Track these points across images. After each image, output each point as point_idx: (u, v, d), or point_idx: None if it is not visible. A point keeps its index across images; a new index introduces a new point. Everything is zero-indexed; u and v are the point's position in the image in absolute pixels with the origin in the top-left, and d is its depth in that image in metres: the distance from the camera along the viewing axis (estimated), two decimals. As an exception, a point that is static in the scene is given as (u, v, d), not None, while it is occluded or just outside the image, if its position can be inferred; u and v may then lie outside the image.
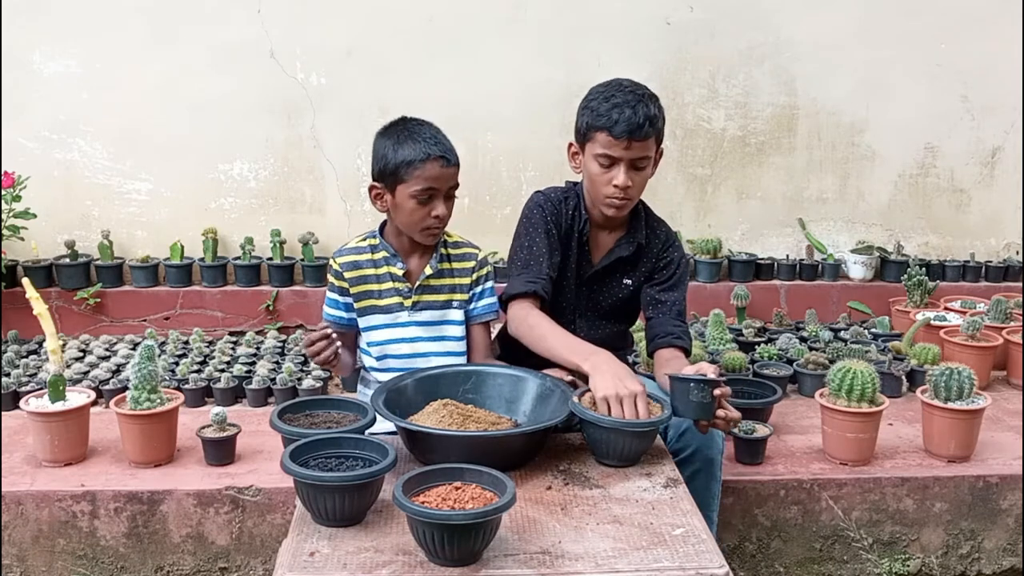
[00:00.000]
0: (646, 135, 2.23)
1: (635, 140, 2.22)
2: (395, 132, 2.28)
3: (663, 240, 2.48)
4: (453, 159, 2.26)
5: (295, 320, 3.83)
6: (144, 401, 2.46)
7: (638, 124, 2.20)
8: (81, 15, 3.72)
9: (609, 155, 2.25)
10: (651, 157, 2.30)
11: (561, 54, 3.91)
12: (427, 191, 2.23)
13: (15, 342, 3.53)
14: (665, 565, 1.66)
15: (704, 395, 2.05)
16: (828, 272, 4.09)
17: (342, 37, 3.84)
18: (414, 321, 2.35)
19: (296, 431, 1.96)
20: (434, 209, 2.25)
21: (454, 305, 2.39)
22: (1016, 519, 2.62)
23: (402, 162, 2.22)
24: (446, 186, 2.26)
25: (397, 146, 2.24)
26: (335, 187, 3.96)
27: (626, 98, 2.23)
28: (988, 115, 4.13)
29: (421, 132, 2.26)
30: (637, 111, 2.21)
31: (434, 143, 2.24)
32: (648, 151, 2.27)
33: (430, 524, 1.61)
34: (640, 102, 2.23)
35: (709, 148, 4.09)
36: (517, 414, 2.17)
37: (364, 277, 2.36)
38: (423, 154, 2.21)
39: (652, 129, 2.24)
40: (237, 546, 2.48)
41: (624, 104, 2.22)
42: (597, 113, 2.24)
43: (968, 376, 2.60)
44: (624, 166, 2.25)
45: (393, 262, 2.35)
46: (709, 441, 2.22)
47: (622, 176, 2.25)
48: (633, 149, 2.23)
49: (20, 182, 3.52)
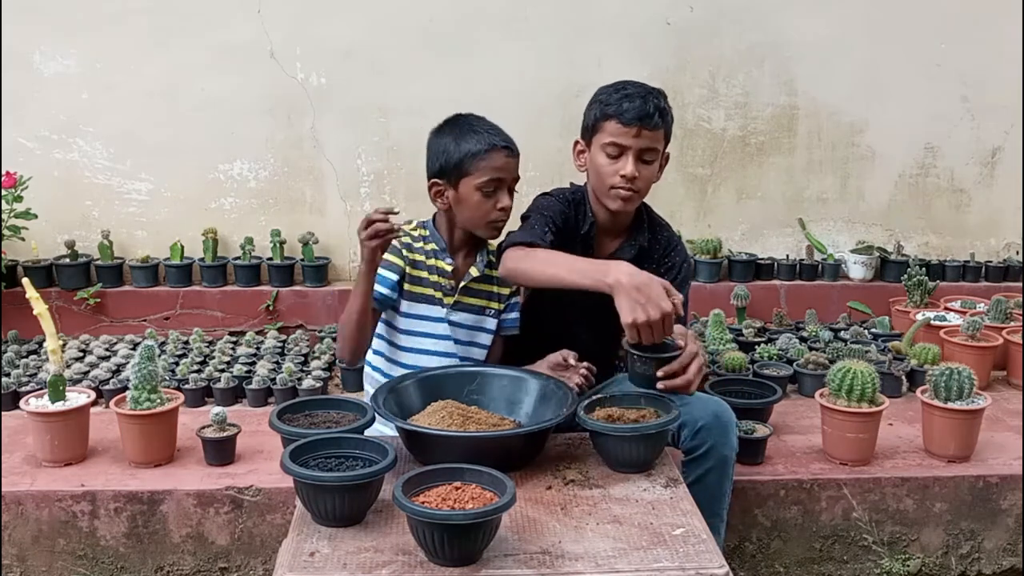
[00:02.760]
0: (655, 125, 2.25)
1: (645, 128, 2.24)
2: (454, 128, 2.30)
3: (665, 243, 2.47)
4: (515, 149, 2.30)
5: (295, 320, 3.83)
6: (144, 401, 2.46)
7: (648, 112, 2.24)
8: (81, 15, 3.72)
9: (617, 143, 2.26)
10: (659, 151, 2.31)
11: (561, 54, 3.90)
12: (493, 182, 2.25)
13: (15, 342, 3.52)
14: (665, 565, 1.66)
15: (646, 368, 2.08)
16: (828, 272, 4.09)
17: (342, 37, 3.84)
18: (448, 319, 2.35)
19: (296, 431, 1.96)
20: (500, 201, 2.27)
21: (489, 313, 2.39)
22: (1016, 519, 2.62)
23: (467, 154, 2.24)
24: (510, 176, 2.29)
25: (459, 140, 2.26)
26: (335, 187, 3.96)
27: (637, 90, 2.28)
28: (988, 115, 4.12)
29: (481, 125, 2.29)
30: (648, 101, 2.25)
31: (496, 134, 2.28)
32: (657, 143, 2.29)
33: (430, 524, 1.61)
34: (651, 94, 2.28)
35: (709, 148, 4.09)
36: (518, 415, 2.17)
37: (417, 263, 2.35)
38: (488, 144, 2.24)
39: (662, 121, 2.27)
40: (237, 546, 2.48)
41: (635, 95, 2.26)
42: (607, 103, 2.27)
43: (968, 376, 2.60)
44: (632, 156, 2.26)
45: (442, 256, 2.35)
46: (724, 440, 2.21)
47: (630, 166, 2.26)
48: (642, 138, 2.25)
49: (22, 182, 3.52)
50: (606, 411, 2.09)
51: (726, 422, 2.23)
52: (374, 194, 3.94)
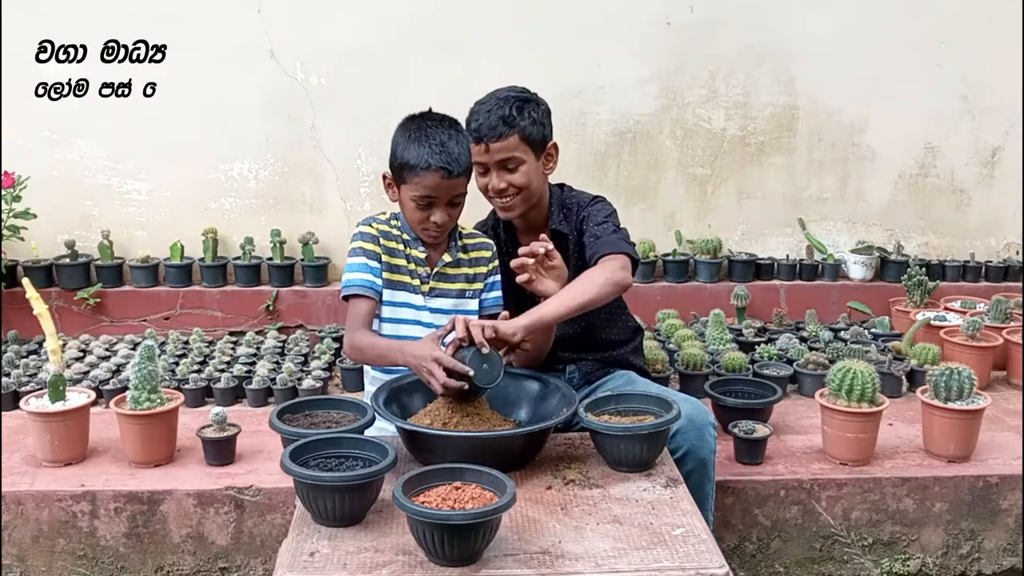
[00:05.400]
0: (499, 135, 2.34)
1: (491, 142, 2.35)
2: (410, 129, 2.24)
3: (576, 210, 2.50)
4: (457, 169, 2.18)
5: (295, 320, 3.83)
6: (144, 401, 2.46)
7: (490, 125, 2.35)
8: (81, 15, 3.72)
9: (477, 162, 2.36)
10: (519, 157, 2.37)
11: (561, 54, 3.90)
12: (426, 198, 2.21)
13: (15, 342, 3.52)
14: (665, 565, 1.66)
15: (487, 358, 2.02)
16: (828, 272, 4.09)
17: (342, 37, 3.84)
18: (428, 307, 2.35)
19: (296, 431, 1.96)
20: (432, 215, 2.23)
21: (468, 295, 2.39)
22: (1016, 519, 2.61)
23: (405, 164, 2.21)
24: (447, 195, 2.22)
25: (407, 145, 2.21)
26: (335, 187, 3.95)
27: (472, 115, 2.39)
28: (988, 115, 4.12)
29: (435, 136, 2.19)
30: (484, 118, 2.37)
31: (440, 151, 2.16)
32: (509, 151, 2.36)
33: (430, 524, 1.61)
34: (493, 110, 2.37)
35: (709, 148, 4.09)
36: (518, 414, 2.17)
37: (394, 251, 2.33)
38: (424, 163, 2.16)
39: (508, 128, 2.35)
40: (237, 546, 2.48)
41: (470, 119, 2.38)
42: (467, 122, 2.39)
43: (968, 376, 2.60)
44: (494, 173, 2.38)
45: (414, 245, 2.34)
46: (701, 443, 2.22)
47: (494, 179, 2.38)
48: (492, 152, 2.35)
49: (20, 182, 3.52)
50: (607, 410, 2.09)
51: (701, 425, 2.23)
52: (374, 194, 3.93)
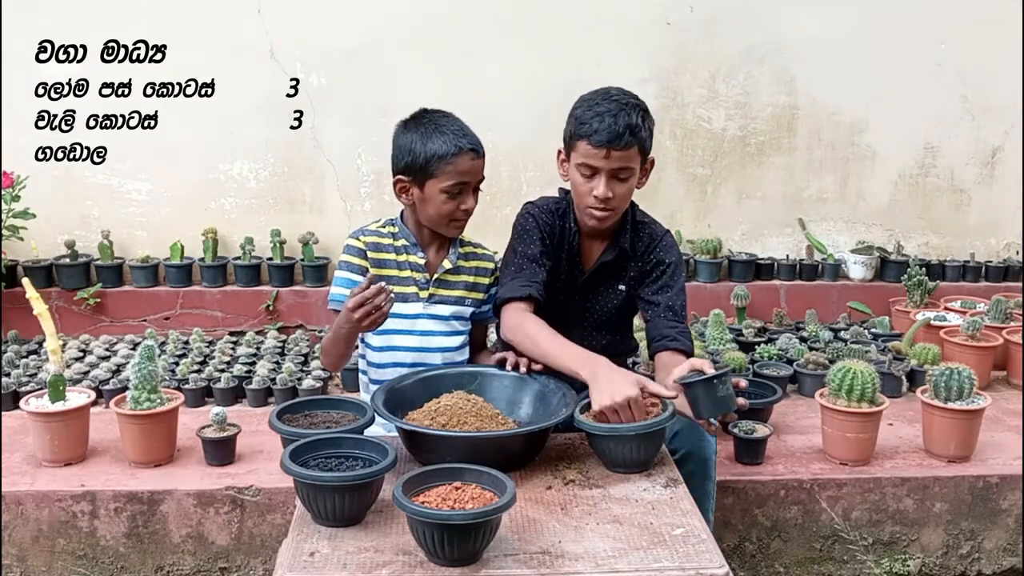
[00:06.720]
0: (627, 144, 2.19)
1: (614, 150, 2.18)
2: (420, 125, 2.25)
3: (647, 241, 2.42)
4: (481, 151, 2.26)
5: (295, 320, 3.83)
6: (144, 401, 2.46)
7: (618, 133, 2.17)
8: (81, 15, 3.72)
9: (589, 164, 2.22)
10: (634, 168, 2.25)
11: (561, 54, 3.90)
12: (459, 185, 2.23)
13: (15, 342, 3.52)
14: (665, 565, 1.66)
15: (728, 387, 2.05)
16: (828, 272, 4.09)
17: (342, 37, 3.84)
18: (427, 314, 2.35)
19: (296, 431, 1.96)
20: (463, 202, 2.26)
21: (467, 303, 2.39)
22: (1016, 519, 2.61)
23: (433, 156, 2.21)
24: (475, 178, 2.27)
25: (426, 140, 2.22)
26: (335, 187, 3.95)
27: (609, 107, 2.19)
28: (988, 115, 4.12)
29: (448, 125, 2.24)
30: (619, 119, 2.17)
31: (462, 135, 2.23)
32: (630, 162, 2.23)
33: (430, 524, 1.61)
34: (623, 111, 2.19)
35: (709, 148, 4.09)
36: (518, 415, 2.17)
37: (385, 261, 2.33)
38: (454, 148, 2.20)
39: (634, 139, 2.19)
40: (237, 546, 2.48)
41: (606, 113, 2.18)
42: (580, 121, 2.22)
43: (968, 376, 2.60)
44: (604, 176, 2.22)
45: (413, 251, 2.34)
46: (701, 443, 2.21)
47: (602, 187, 2.22)
48: (612, 159, 2.20)
49: (19, 182, 3.52)
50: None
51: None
52: (374, 194, 3.94)
